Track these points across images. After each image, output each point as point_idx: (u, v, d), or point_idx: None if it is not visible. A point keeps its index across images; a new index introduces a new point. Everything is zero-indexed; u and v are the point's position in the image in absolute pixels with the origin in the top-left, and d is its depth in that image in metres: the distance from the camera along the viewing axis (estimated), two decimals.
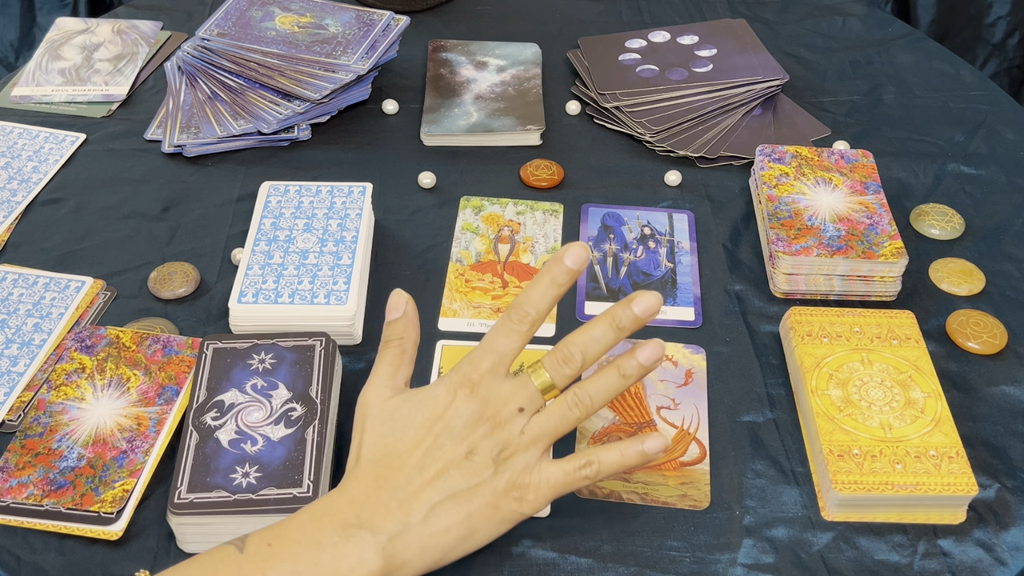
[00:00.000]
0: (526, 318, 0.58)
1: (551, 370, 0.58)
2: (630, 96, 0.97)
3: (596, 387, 0.58)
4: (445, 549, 0.55)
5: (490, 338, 0.58)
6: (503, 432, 0.56)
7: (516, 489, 0.56)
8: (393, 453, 0.57)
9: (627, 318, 0.57)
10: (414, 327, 0.62)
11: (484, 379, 0.58)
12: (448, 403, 0.57)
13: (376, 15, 1.01)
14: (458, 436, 0.56)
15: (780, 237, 0.79)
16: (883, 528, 0.63)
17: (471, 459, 0.56)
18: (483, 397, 0.57)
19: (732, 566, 0.61)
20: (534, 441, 0.57)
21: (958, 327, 0.76)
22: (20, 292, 0.76)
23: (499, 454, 0.56)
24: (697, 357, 0.74)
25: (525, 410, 0.57)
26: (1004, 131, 0.97)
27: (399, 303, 0.62)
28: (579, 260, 0.58)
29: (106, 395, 0.68)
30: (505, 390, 0.58)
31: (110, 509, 0.61)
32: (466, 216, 0.86)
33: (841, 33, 1.11)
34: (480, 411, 0.57)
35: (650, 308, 0.57)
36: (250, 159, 0.91)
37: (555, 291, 0.58)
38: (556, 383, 0.58)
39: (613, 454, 0.57)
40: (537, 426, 0.57)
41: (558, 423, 0.57)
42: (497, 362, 0.58)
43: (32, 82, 0.99)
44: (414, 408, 0.58)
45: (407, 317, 0.62)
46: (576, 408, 0.57)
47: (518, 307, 0.58)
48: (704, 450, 0.68)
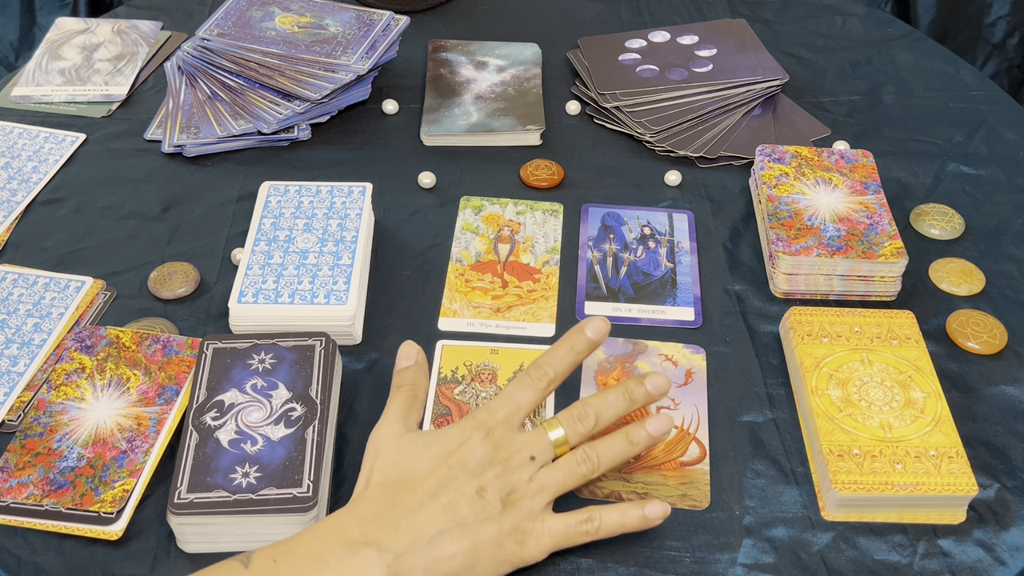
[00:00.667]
0: (544, 376, 0.62)
1: (566, 425, 0.60)
2: (630, 96, 0.97)
3: (604, 448, 0.61)
4: (448, 575, 0.56)
5: (509, 390, 0.62)
6: (513, 476, 0.58)
7: (519, 533, 0.57)
8: (406, 478, 0.58)
9: (640, 393, 0.62)
10: (423, 376, 0.67)
11: (499, 426, 0.60)
12: (463, 442, 0.59)
13: (376, 15, 1.01)
14: (471, 472, 0.58)
15: (780, 237, 0.79)
16: (883, 528, 0.63)
17: (481, 495, 0.57)
18: (496, 441, 0.59)
19: (732, 566, 0.61)
20: (541, 490, 0.59)
21: (958, 327, 0.76)
22: (20, 292, 0.76)
23: (507, 496, 0.58)
24: (697, 357, 0.74)
25: (536, 459, 0.59)
26: (1004, 131, 0.97)
27: (410, 353, 0.67)
28: (599, 333, 0.63)
29: (106, 395, 0.68)
30: (519, 439, 0.60)
31: (110, 509, 0.61)
32: (466, 216, 0.86)
33: (841, 33, 1.11)
34: (493, 454, 0.59)
35: (660, 388, 0.62)
36: (250, 159, 0.91)
37: (573, 357, 0.63)
38: (569, 438, 0.60)
39: (614, 515, 0.59)
40: (546, 476, 0.59)
41: (565, 477, 0.60)
42: (513, 412, 0.61)
43: (32, 82, 0.99)
44: (429, 442, 0.60)
45: (418, 366, 0.67)
46: (584, 465, 0.60)
47: (538, 366, 0.62)
48: (704, 450, 0.68)
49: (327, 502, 0.63)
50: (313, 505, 0.59)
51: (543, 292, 0.79)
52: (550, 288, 0.79)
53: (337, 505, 0.64)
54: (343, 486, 0.65)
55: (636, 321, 0.77)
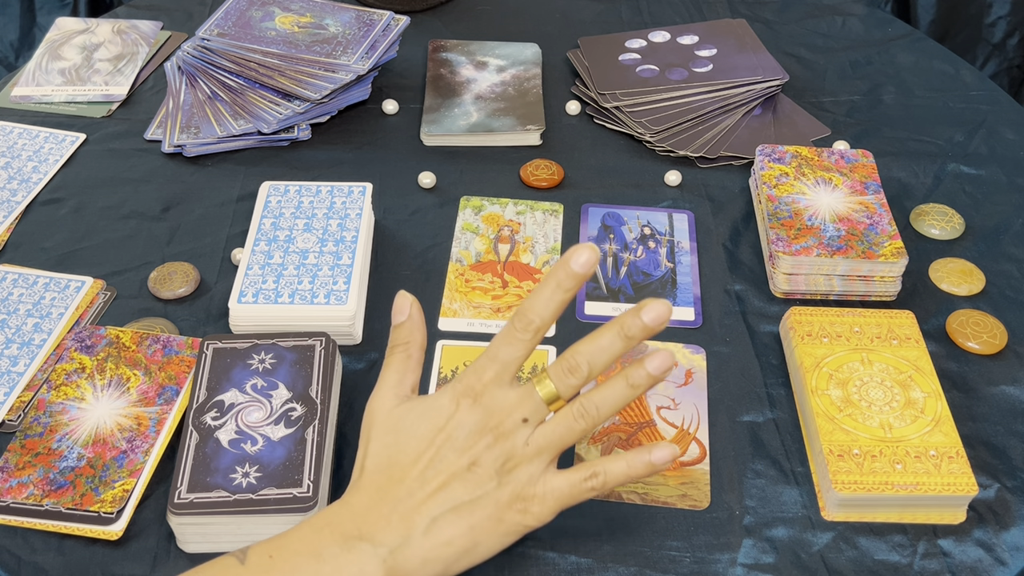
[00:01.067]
0: (530, 326, 0.56)
1: (556, 380, 0.55)
2: (630, 96, 0.97)
3: (603, 397, 0.56)
4: (447, 561, 0.55)
5: (493, 346, 0.57)
6: (507, 443, 0.55)
7: (520, 501, 0.55)
8: (395, 465, 0.56)
9: (636, 327, 0.55)
10: (420, 330, 0.61)
11: (487, 388, 0.56)
12: (451, 414, 0.56)
13: (376, 15, 1.01)
14: (460, 448, 0.55)
15: (780, 237, 0.79)
16: (883, 528, 0.63)
17: (474, 471, 0.55)
18: (486, 407, 0.56)
19: (732, 566, 0.61)
20: (539, 452, 0.55)
21: (958, 327, 0.76)
22: (20, 292, 0.76)
23: (502, 465, 0.55)
24: (697, 357, 0.74)
25: (529, 421, 0.56)
26: (1004, 131, 0.97)
27: (403, 306, 0.61)
28: (587, 264, 0.55)
29: (106, 395, 0.68)
30: (509, 400, 0.56)
31: (110, 509, 0.61)
32: (466, 216, 0.86)
33: (841, 33, 1.11)
34: (483, 422, 0.55)
35: (660, 317, 0.55)
36: (250, 159, 0.91)
37: (561, 296, 0.55)
38: (561, 393, 0.56)
39: (620, 464, 0.56)
40: (542, 437, 0.56)
41: (564, 434, 0.56)
42: (501, 371, 0.56)
43: (32, 82, 0.99)
44: (417, 419, 0.57)
45: (412, 320, 0.60)
46: (582, 419, 0.55)
47: (522, 315, 0.56)
48: (704, 450, 0.68)
49: (327, 502, 0.63)
50: (313, 505, 0.59)
51: None
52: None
53: None
54: (343, 486, 0.65)
55: None
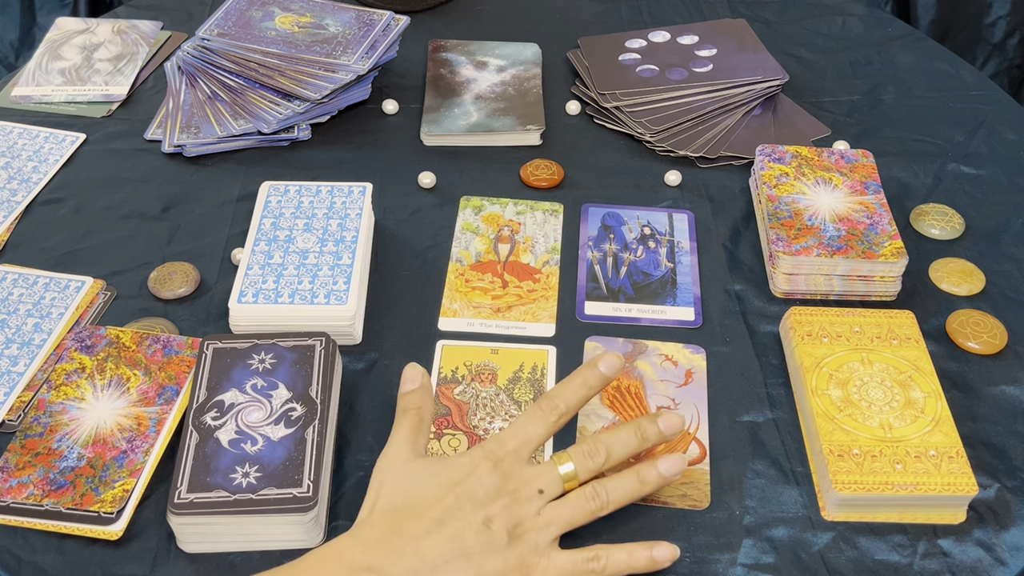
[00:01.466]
0: (555, 410, 0.61)
1: (576, 460, 0.60)
2: (630, 96, 0.97)
3: (615, 486, 0.60)
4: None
5: (520, 422, 0.61)
6: (521, 509, 0.58)
7: (524, 567, 0.56)
8: (412, 504, 0.57)
9: (652, 432, 0.61)
10: (429, 398, 0.65)
11: (508, 457, 0.59)
12: (471, 471, 0.58)
13: (376, 15, 1.01)
14: (478, 502, 0.57)
15: (780, 237, 0.79)
16: (883, 528, 0.63)
17: (488, 527, 0.56)
18: (505, 472, 0.59)
19: (732, 566, 0.61)
20: (548, 524, 0.58)
21: (958, 327, 0.76)
22: (20, 292, 0.76)
23: (514, 528, 0.57)
24: (697, 357, 0.74)
25: (544, 493, 0.59)
26: (1004, 131, 0.97)
27: (415, 376, 0.65)
28: (612, 368, 0.62)
29: (106, 395, 0.68)
30: (528, 471, 0.59)
31: (110, 509, 0.61)
32: (466, 216, 0.86)
33: (841, 33, 1.11)
34: (501, 485, 0.58)
35: (674, 427, 0.62)
36: (250, 159, 0.91)
37: (585, 392, 0.62)
38: (579, 474, 0.59)
39: (622, 555, 0.58)
40: (554, 511, 0.58)
41: (574, 512, 0.59)
42: (523, 444, 0.60)
43: (32, 82, 0.99)
44: (437, 469, 0.59)
45: (423, 388, 0.65)
46: (593, 501, 0.59)
47: (549, 399, 0.61)
48: (704, 450, 0.68)
49: (327, 502, 0.63)
50: (313, 505, 0.59)
51: (543, 292, 0.79)
52: (550, 288, 0.79)
53: (337, 505, 0.64)
54: (343, 486, 0.65)
55: (636, 321, 0.77)
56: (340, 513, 0.64)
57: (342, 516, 0.63)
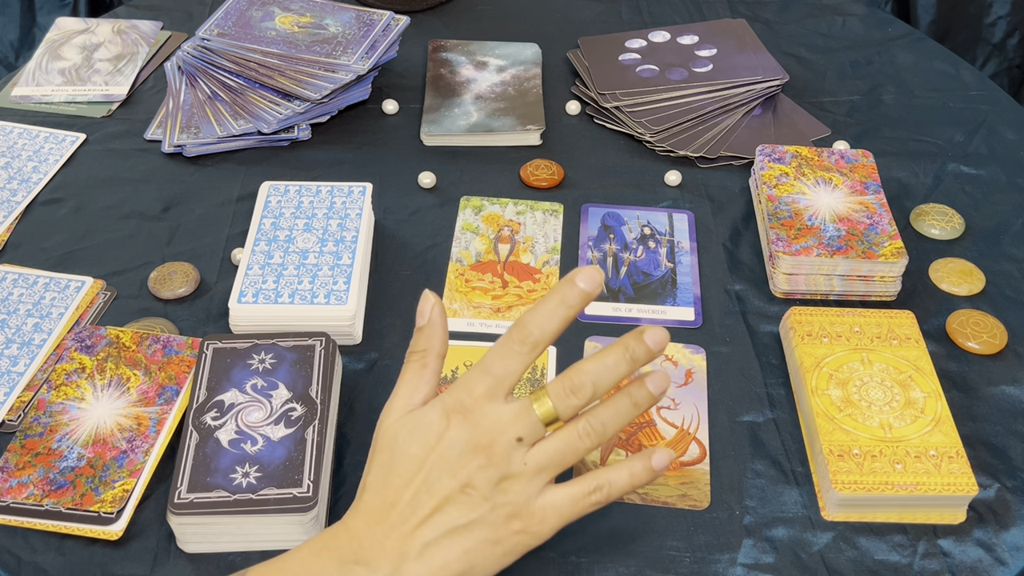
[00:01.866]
0: (528, 338, 0.52)
1: (556, 400, 0.52)
2: (630, 96, 0.97)
3: (609, 415, 0.53)
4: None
5: (487, 359, 0.53)
6: (501, 463, 0.52)
7: (517, 520, 0.52)
8: (389, 487, 0.54)
9: (640, 350, 0.53)
10: (439, 336, 0.56)
11: (479, 403, 0.52)
12: (441, 431, 0.53)
13: (376, 15, 1.01)
14: (452, 468, 0.52)
15: (780, 237, 0.79)
16: (883, 528, 0.63)
17: (467, 492, 0.52)
18: (477, 424, 0.52)
19: (732, 566, 0.61)
20: (538, 471, 0.52)
21: (958, 327, 0.76)
22: (20, 292, 0.76)
23: (496, 485, 0.52)
24: (697, 357, 0.74)
25: (524, 440, 0.52)
26: (1004, 131, 0.97)
27: (425, 309, 0.57)
28: (592, 283, 0.52)
29: (106, 395, 0.68)
30: (503, 417, 0.52)
31: (110, 509, 0.61)
32: (466, 216, 0.86)
33: (841, 33, 1.11)
34: (475, 439, 0.52)
35: (661, 342, 0.53)
36: (250, 159, 0.91)
37: (564, 312, 0.53)
38: (561, 414, 0.52)
39: (622, 474, 0.53)
40: (543, 455, 0.52)
41: (566, 452, 0.52)
42: (494, 385, 0.53)
43: (32, 82, 0.99)
44: (408, 436, 0.53)
45: (432, 325, 0.56)
46: (588, 437, 0.52)
47: (521, 327, 0.53)
48: (704, 450, 0.68)
49: (327, 502, 0.63)
50: (313, 505, 0.59)
51: (543, 292, 0.79)
52: (550, 288, 0.79)
53: (337, 505, 0.64)
54: (343, 486, 0.65)
55: (636, 321, 0.77)
56: (340, 513, 0.63)
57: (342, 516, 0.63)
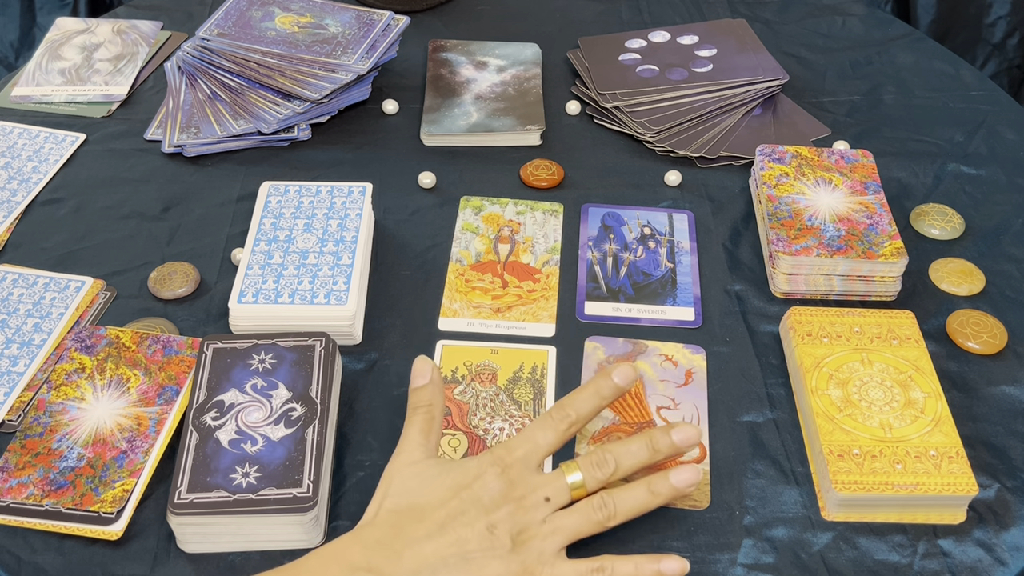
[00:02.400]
0: (566, 419, 0.60)
1: (584, 470, 0.59)
2: (630, 96, 0.97)
3: (623, 497, 0.59)
4: None
5: (530, 429, 0.60)
6: (526, 516, 0.57)
7: (527, 574, 0.56)
8: (416, 506, 0.57)
9: (664, 443, 0.60)
10: (440, 394, 0.63)
11: (516, 464, 0.59)
12: (478, 475, 0.58)
13: (376, 15, 1.01)
14: (483, 507, 0.56)
15: (780, 237, 0.79)
16: (883, 528, 0.63)
17: (492, 531, 0.56)
18: (512, 479, 0.58)
19: (732, 566, 0.61)
20: (554, 532, 0.57)
21: (958, 327, 0.76)
22: (20, 292, 0.76)
23: (518, 535, 0.56)
24: (697, 357, 0.74)
25: (551, 501, 0.58)
26: (1004, 131, 0.97)
27: (424, 371, 0.64)
28: (626, 380, 0.61)
29: (106, 395, 0.68)
30: (535, 479, 0.59)
31: (110, 509, 0.61)
32: (466, 216, 0.86)
33: (841, 33, 1.11)
34: (508, 491, 0.57)
35: (688, 440, 0.60)
36: (250, 159, 0.91)
37: (597, 401, 0.61)
38: (587, 483, 0.59)
39: (628, 567, 0.57)
40: (560, 519, 0.58)
41: (580, 522, 0.58)
42: (531, 451, 0.59)
43: (32, 82, 0.99)
44: (444, 471, 0.59)
45: (433, 384, 0.63)
46: (600, 512, 0.58)
47: (561, 407, 0.61)
48: (704, 450, 0.68)
49: (327, 502, 0.63)
50: (313, 505, 0.59)
51: (543, 292, 0.79)
52: (550, 288, 0.79)
53: (337, 505, 0.64)
54: (343, 486, 0.65)
55: (636, 321, 0.77)
56: (340, 513, 0.64)
57: (342, 516, 0.63)
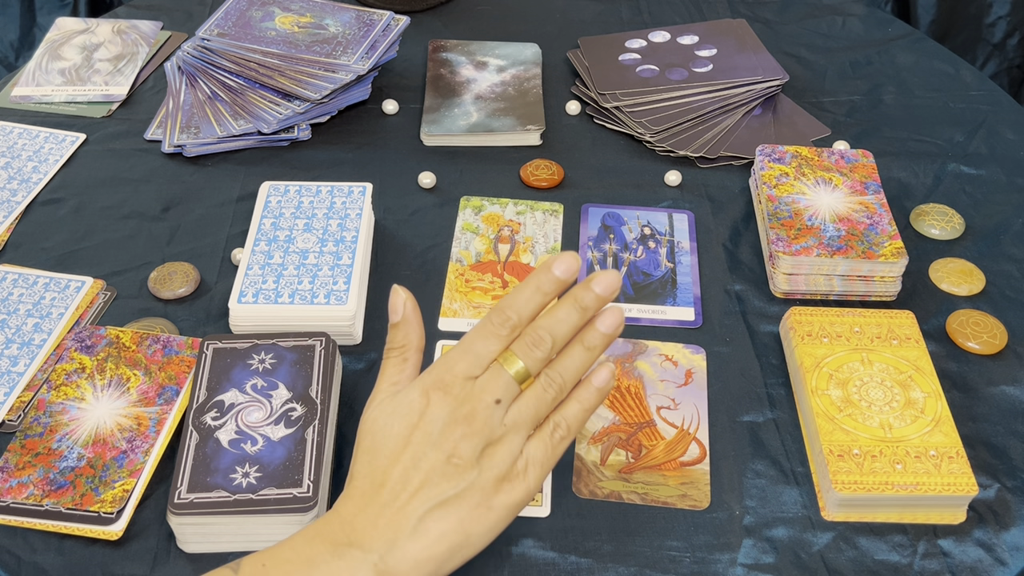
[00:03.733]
0: (507, 322, 0.56)
1: (523, 356, 0.55)
2: (630, 96, 0.97)
3: (565, 364, 0.56)
4: (440, 560, 0.54)
5: (468, 339, 0.57)
6: (484, 429, 0.54)
7: (506, 482, 0.54)
8: (377, 469, 0.55)
9: (589, 298, 0.56)
10: (415, 331, 0.59)
11: (457, 379, 0.56)
12: (422, 409, 0.55)
13: (376, 15, 1.01)
14: (436, 442, 0.54)
15: (780, 237, 0.79)
16: (883, 528, 0.63)
17: (453, 463, 0.54)
18: (456, 397, 0.55)
19: (732, 566, 0.61)
20: (516, 429, 0.55)
21: (958, 327, 0.76)
22: (20, 292, 0.76)
23: (482, 452, 0.54)
24: (697, 357, 0.74)
25: (502, 401, 0.55)
26: (1004, 131, 0.97)
27: (397, 305, 0.59)
28: (568, 270, 0.56)
29: (106, 395, 0.68)
30: (478, 385, 0.55)
31: (110, 509, 0.61)
32: (466, 216, 0.86)
33: (841, 33, 1.11)
34: (455, 411, 0.55)
35: (610, 286, 0.56)
36: (250, 159, 0.91)
37: (540, 299, 0.56)
38: (530, 369, 0.56)
39: (573, 406, 0.56)
40: (516, 413, 0.55)
41: (536, 405, 0.56)
42: (473, 364, 0.56)
43: (32, 82, 0.99)
44: (389, 418, 0.56)
45: (407, 322, 0.59)
46: (550, 388, 0.56)
47: (500, 311, 0.56)
48: (704, 450, 0.68)
49: (327, 502, 0.63)
50: (313, 505, 0.59)
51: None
52: None
53: None
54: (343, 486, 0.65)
55: (636, 321, 0.77)
56: None
57: None
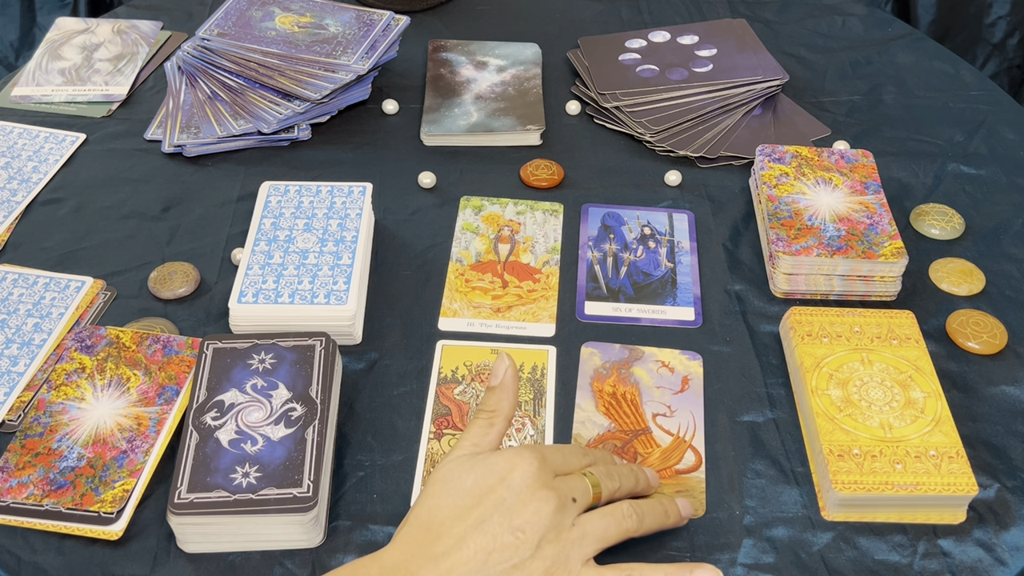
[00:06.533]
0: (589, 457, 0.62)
1: (600, 477, 0.59)
2: (630, 96, 0.97)
3: (647, 509, 0.59)
4: None
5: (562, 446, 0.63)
6: (555, 516, 0.55)
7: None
8: (435, 519, 0.54)
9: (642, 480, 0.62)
10: (508, 399, 0.60)
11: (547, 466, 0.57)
12: (505, 474, 0.56)
13: (376, 15, 1.01)
14: (509, 509, 0.54)
15: (780, 237, 0.79)
16: (883, 528, 0.63)
17: (517, 535, 0.54)
18: (541, 477, 0.56)
19: (732, 566, 0.61)
20: (582, 537, 0.55)
21: (958, 327, 0.76)
22: (20, 292, 0.76)
23: (543, 537, 0.54)
24: (694, 364, 0.74)
25: (578, 502, 0.57)
26: (1004, 131, 0.97)
27: (499, 370, 0.61)
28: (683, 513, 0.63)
29: (106, 395, 0.68)
30: (562, 479, 0.58)
31: (110, 509, 0.61)
32: (466, 216, 0.86)
33: (841, 33, 1.11)
34: (537, 489, 0.55)
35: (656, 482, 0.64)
36: (250, 159, 0.91)
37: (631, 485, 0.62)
38: (602, 488, 0.59)
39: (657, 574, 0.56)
40: (589, 523, 0.56)
41: (609, 527, 0.57)
42: (562, 464, 0.59)
43: (32, 82, 0.99)
44: (467, 472, 0.56)
45: (503, 388, 0.60)
46: (630, 519, 0.58)
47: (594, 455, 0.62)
48: (700, 458, 0.68)
49: (327, 502, 0.63)
50: (313, 505, 0.59)
51: (543, 292, 0.79)
52: (550, 288, 0.79)
53: (337, 505, 0.64)
54: (343, 486, 0.65)
55: (636, 321, 0.77)
56: (340, 513, 0.64)
57: (342, 516, 0.63)
